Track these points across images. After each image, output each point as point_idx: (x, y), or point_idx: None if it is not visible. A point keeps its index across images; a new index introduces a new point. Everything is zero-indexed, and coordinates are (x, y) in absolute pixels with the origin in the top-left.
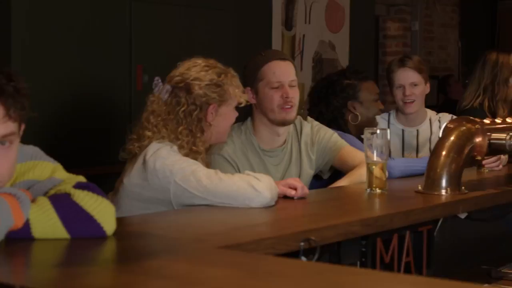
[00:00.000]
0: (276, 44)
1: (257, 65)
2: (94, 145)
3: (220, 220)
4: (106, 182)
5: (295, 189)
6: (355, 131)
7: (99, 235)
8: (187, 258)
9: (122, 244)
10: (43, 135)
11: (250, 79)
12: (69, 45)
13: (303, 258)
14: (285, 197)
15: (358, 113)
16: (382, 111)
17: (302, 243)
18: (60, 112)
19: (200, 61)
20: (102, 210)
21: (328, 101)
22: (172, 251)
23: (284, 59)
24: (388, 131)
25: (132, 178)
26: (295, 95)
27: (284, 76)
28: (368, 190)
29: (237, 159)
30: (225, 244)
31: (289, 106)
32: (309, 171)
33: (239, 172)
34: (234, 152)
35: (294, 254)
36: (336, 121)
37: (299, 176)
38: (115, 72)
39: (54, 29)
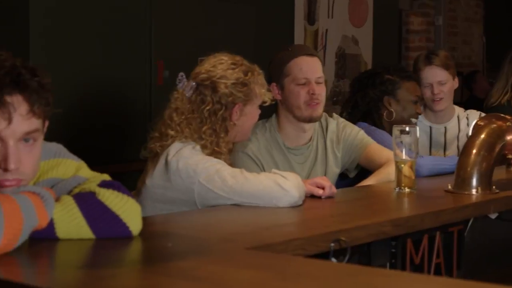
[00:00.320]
0: (298, 38)
1: (284, 60)
2: (113, 142)
3: (246, 220)
4: (126, 180)
5: (323, 188)
6: (389, 129)
7: (124, 235)
8: (216, 259)
9: (147, 245)
10: (60, 132)
11: (275, 74)
12: (88, 40)
13: (333, 260)
14: (312, 196)
15: (393, 110)
16: (418, 116)
17: (332, 244)
18: (78, 108)
19: (226, 58)
20: (128, 210)
21: (365, 92)
22: (199, 251)
23: (311, 54)
24: (417, 128)
25: (154, 179)
26: (321, 92)
27: (311, 72)
28: (397, 189)
29: (262, 157)
30: (253, 245)
31: (315, 103)
32: (334, 170)
33: (264, 170)
34: (259, 149)
35: (323, 255)
36: (370, 114)
37: (325, 175)
38: (135, 67)
39: (73, 23)
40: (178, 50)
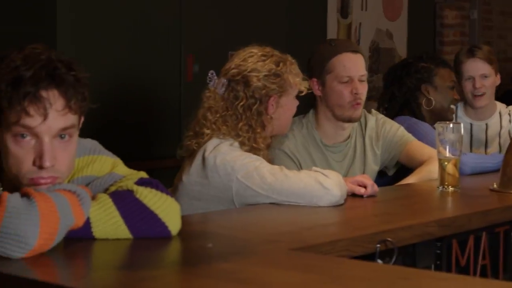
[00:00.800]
0: (331, 32)
1: (326, 56)
2: (143, 139)
3: (287, 219)
4: (155, 177)
5: (365, 186)
6: (429, 117)
7: (163, 235)
8: (259, 260)
9: (187, 245)
10: (87, 128)
11: (316, 69)
12: (117, 34)
13: (379, 261)
14: (353, 195)
15: (432, 98)
16: (456, 102)
17: (378, 245)
18: (106, 104)
19: (255, 50)
20: (166, 209)
21: (401, 82)
22: (241, 253)
23: (355, 51)
24: (462, 125)
25: (191, 176)
26: (364, 91)
27: (355, 70)
28: (440, 187)
29: (299, 154)
30: (297, 245)
31: (357, 103)
32: (373, 167)
33: (301, 168)
34: (295, 146)
35: (367, 257)
36: (408, 105)
37: (363, 173)
38: (163, 62)
39: (101, 18)
40: (208, 44)
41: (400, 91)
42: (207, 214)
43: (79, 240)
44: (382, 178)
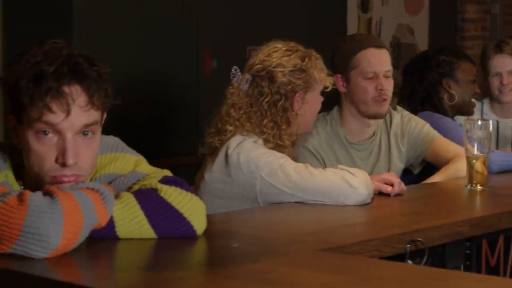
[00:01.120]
0: (352, 27)
1: (350, 51)
2: (160, 136)
3: (313, 218)
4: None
5: (391, 185)
6: (450, 112)
7: (188, 235)
8: (288, 261)
9: (212, 245)
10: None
11: (341, 65)
12: (132, 27)
13: (409, 262)
14: (379, 193)
15: (454, 92)
16: (477, 96)
17: (408, 245)
18: (122, 101)
19: (280, 45)
20: (191, 208)
21: (422, 76)
22: (269, 253)
23: (380, 46)
24: (490, 121)
25: (213, 174)
26: (389, 87)
27: (380, 66)
28: (469, 186)
29: (323, 152)
30: (325, 246)
31: (383, 99)
32: (399, 165)
33: (325, 166)
34: (320, 144)
35: (396, 257)
36: (430, 99)
37: (388, 171)
38: (180, 57)
39: (116, 14)
40: (226, 38)
41: (421, 85)
42: (231, 213)
43: (102, 240)
44: (407, 176)
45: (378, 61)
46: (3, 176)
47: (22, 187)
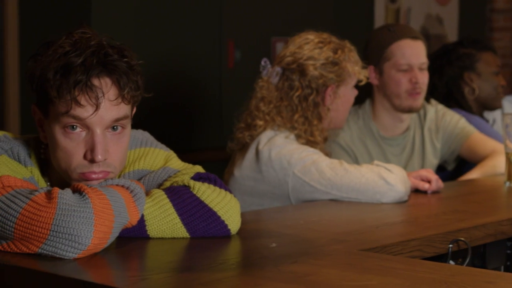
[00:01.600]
0: (379, 18)
1: (384, 42)
2: (180, 130)
3: (350, 217)
4: None
5: (429, 181)
6: (476, 107)
7: (222, 234)
8: (330, 262)
9: (248, 245)
10: None
11: (374, 57)
12: (153, 19)
13: (451, 262)
14: (415, 190)
15: (475, 86)
16: (503, 89)
17: (450, 245)
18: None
19: (312, 37)
20: (226, 206)
21: (442, 72)
22: (309, 253)
23: (415, 37)
24: None
25: (243, 170)
26: (424, 80)
27: (415, 57)
28: (507, 183)
29: (354, 147)
30: (367, 246)
31: (417, 92)
32: (433, 161)
33: (357, 161)
34: (351, 139)
35: (435, 258)
36: (451, 95)
37: (422, 167)
38: (203, 48)
39: (138, 2)
40: (250, 28)
41: (441, 81)
42: (263, 211)
43: (132, 239)
44: (441, 173)
45: (413, 53)
46: (29, 172)
47: (48, 183)
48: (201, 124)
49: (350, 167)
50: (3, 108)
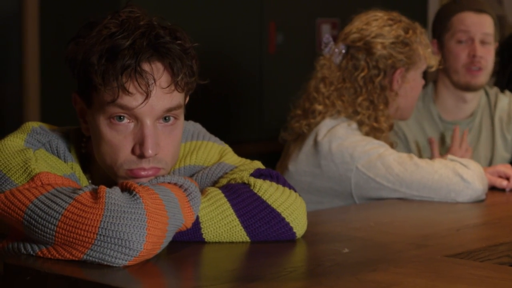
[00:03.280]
0: (434, 0)
1: (447, 14)
2: (218, 121)
3: (425, 218)
4: None
5: (507, 178)
6: None
7: (286, 238)
8: (416, 270)
9: (316, 250)
10: None
11: (436, 29)
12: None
13: None
14: (491, 188)
15: None
16: None
17: None
18: None
19: (380, 14)
20: (291, 206)
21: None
22: (390, 260)
23: (480, 10)
24: None
25: (299, 164)
26: (486, 55)
27: (475, 29)
28: None
29: (408, 131)
30: (452, 251)
31: (477, 68)
32: (504, 155)
33: (409, 148)
34: (406, 122)
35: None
36: None
37: (490, 160)
38: (241, 31)
39: None
40: (293, 9)
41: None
42: (325, 211)
43: (185, 244)
44: None
45: (474, 24)
46: (70, 168)
47: (90, 181)
48: (239, 115)
49: (421, 162)
50: (22, 97)
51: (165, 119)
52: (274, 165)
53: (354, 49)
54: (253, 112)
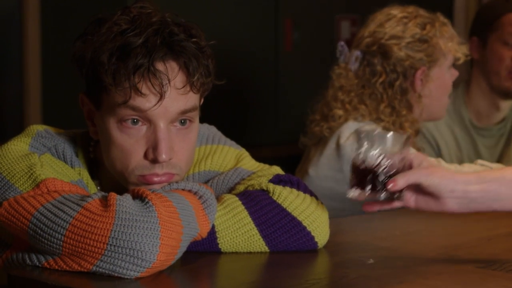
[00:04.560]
0: None
1: (496, 12)
2: (232, 123)
3: (453, 227)
4: None
5: None
6: None
7: (307, 247)
8: (447, 283)
9: (339, 261)
10: None
11: (479, 26)
12: None
13: None
14: None
15: None
16: None
17: None
18: None
19: (395, 12)
20: (312, 214)
21: None
22: (418, 272)
23: None
24: None
25: (320, 169)
26: None
27: None
28: None
29: (439, 136)
30: (484, 262)
31: None
32: None
33: (440, 153)
34: (436, 126)
35: None
36: None
37: None
38: (256, 28)
39: None
40: (310, 6)
41: None
42: (347, 219)
43: (200, 254)
44: None
45: None
46: (77, 174)
47: (98, 188)
48: (253, 117)
49: (449, 166)
50: (23, 97)
51: (180, 122)
52: (292, 169)
53: (370, 55)
54: (269, 112)
